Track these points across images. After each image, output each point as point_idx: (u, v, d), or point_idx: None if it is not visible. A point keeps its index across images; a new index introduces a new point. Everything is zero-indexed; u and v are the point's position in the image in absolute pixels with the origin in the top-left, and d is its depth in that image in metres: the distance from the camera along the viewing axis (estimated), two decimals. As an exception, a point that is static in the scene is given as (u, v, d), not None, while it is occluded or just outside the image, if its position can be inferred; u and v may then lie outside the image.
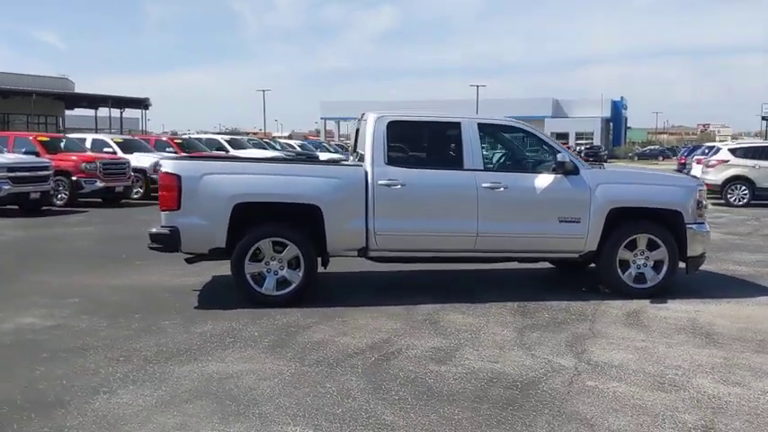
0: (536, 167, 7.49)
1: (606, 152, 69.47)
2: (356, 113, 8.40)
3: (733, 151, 19.58)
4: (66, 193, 17.11)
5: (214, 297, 7.38)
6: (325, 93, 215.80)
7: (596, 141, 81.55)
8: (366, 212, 6.99)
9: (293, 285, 6.93)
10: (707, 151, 22.71)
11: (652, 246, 7.38)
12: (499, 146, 8.54)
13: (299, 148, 30.44)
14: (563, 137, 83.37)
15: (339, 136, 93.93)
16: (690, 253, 7.44)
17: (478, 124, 7.33)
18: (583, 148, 70.06)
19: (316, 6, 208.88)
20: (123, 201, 18.73)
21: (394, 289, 7.94)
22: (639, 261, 7.40)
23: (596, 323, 6.40)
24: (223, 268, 7.69)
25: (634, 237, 7.34)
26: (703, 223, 7.55)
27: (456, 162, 7.21)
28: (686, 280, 7.83)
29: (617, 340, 5.88)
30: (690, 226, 7.40)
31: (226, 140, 25.51)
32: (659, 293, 7.34)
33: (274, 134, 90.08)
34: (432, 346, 5.64)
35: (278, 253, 6.92)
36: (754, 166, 18.94)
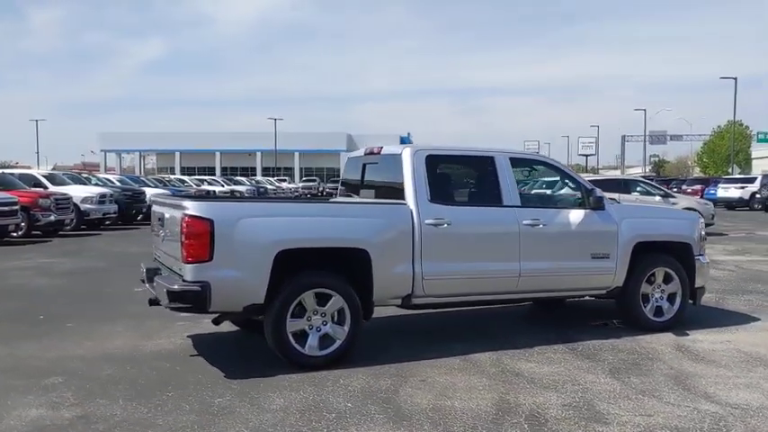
0: (565, 203, 7.27)
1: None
2: (139, 145, 7.68)
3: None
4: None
5: (229, 361, 6.19)
6: (96, 123, 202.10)
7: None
8: (413, 255, 6.30)
9: (338, 342, 6.02)
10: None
11: (667, 279, 7.45)
12: (528, 181, 8.24)
13: (118, 183, 27.85)
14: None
15: (122, 169, 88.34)
16: (697, 284, 7.62)
17: (510, 158, 6.98)
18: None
19: (74, 32, 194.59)
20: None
21: (419, 335, 7.26)
22: (657, 294, 7.43)
23: (667, 361, 6.25)
24: (187, 324, 7.17)
25: (654, 270, 7.36)
26: (704, 255, 7.79)
27: (495, 198, 6.78)
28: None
29: (715, 378, 5.76)
30: (697, 258, 7.60)
31: (44, 176, 22.59)
32: (675, 326, 7.41)
33: (33, 168, 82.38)
34: (560, 403, 5.10)
35: (321, 306, 5.99)
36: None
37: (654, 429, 4.60)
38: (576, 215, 7.04)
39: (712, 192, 36.29)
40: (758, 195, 34.30)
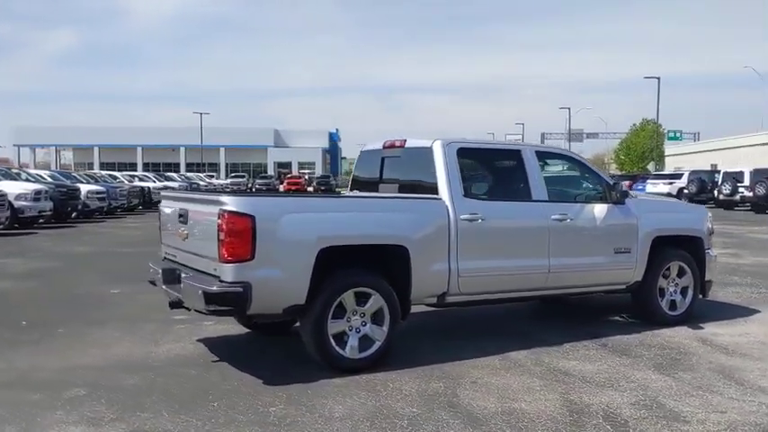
0: (588, 197, 7.17)
1: (336, 181, 71.73)
2: (55, 139, 7.35)
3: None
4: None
5: (258, 366, 5.80)
6: (4, 117, 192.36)
7: (318, 171, 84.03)
8: (449, 252, 6.08)
9: (378, 344, 5.75)
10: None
11: (681, 273, 7.49)
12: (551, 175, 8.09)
13: (50, 179, 26.40)
14: (286, 166, 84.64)
15: (35, 163, 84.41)
16: (707, 277, 7.70)
17: (536, 152, 6.84)
18: (314, 177, 71.56)
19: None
20: None
21: (442, 335, 7.03)
22: (671, 288, 7.46)
23: (702, 355, 6.25)
24: (188, 327, 6.77)
25: (669, 264, 7.39)
26: (712, 248, 7.88)
27: (525, 193, 6.63)
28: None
29: (759, 371, 5.79)
30: (707, 251, 7.68)
31: (-29, 170, 21.18)
32: (688, 320, 7.46)
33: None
34: (628, 402, 4.97)
35: (360, 306, 5.70)
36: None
37: (736, 426, 4.53)
38: (599, 210, 6.98)
39: (641, 187, 37.54)
40: (686, 191, 35.68)
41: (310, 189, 67.38)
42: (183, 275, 5.73)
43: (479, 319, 7.73)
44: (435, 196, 6.15)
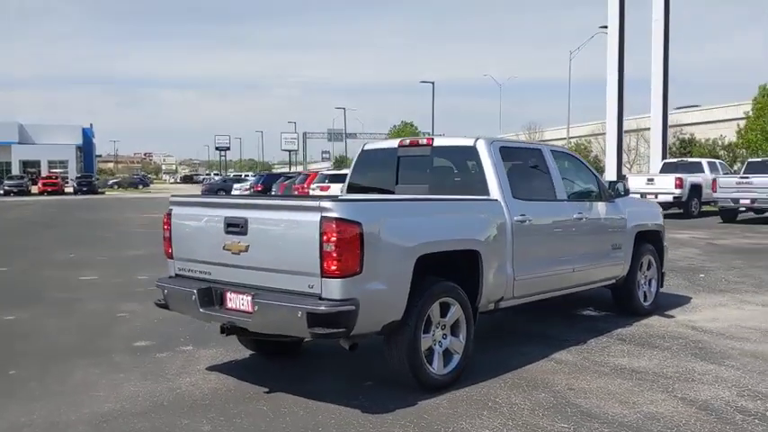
0: (590, 196, 7.26)
1: (97, 180, 66.32)
2: None
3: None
4: None
5: (326, 394, 5.08)
6: None
7: (72, 170, 77.10)
8: (507, 255, 5.84)
9: (458, 357, 5.35)
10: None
11: (649, 265, 7.94)
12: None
13: None
14: (34, 165, 76.71)
15: None
16: (663, 268, 8.25)
17: (552, 152, 6.82)
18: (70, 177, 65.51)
19: None
20: None
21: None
22: (642, 280, 7.87)
23: (717, 342, 6.60)
24: (169, 354, 6.03)
25: (643, 258, 7.79)
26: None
27: (551, 192, 6.56)
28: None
29: (781, 353, 6.28)
30: (664, 244, 8.23)
31: None
32: (656, 309, 7.94)
33: None
34: (735, 394, 5.10)
35: (442, 317, 5.27)
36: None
37: None
38: (601, 208, 7.15)
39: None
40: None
41: (69, 190, 61.67)
42: (242, 296, 4.87)
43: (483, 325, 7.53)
44: (491, 197, 5.85)
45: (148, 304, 8.50)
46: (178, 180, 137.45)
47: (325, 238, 4.46)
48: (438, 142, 6.35)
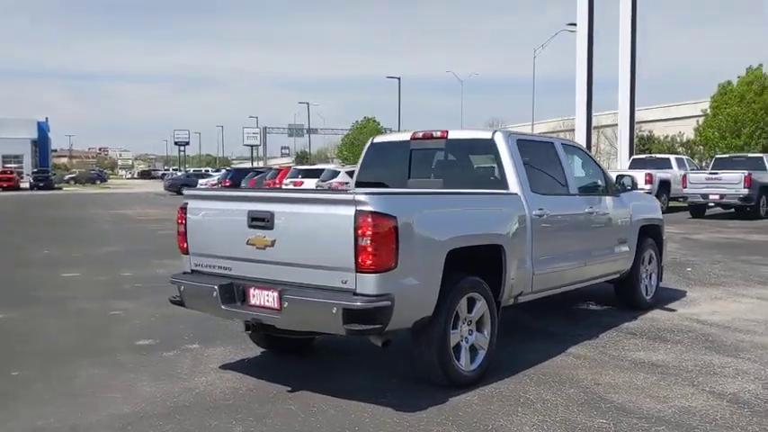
0: (597, 190, 7.25)
1: (54, 176, 64.76)
2: None
3: (350, 173, 21.15)
4: None
5: (357, 392, 4.97)
6: None
7: (27, 165, 75.19)
8: (527, 249, 5.78)
9: (483, 353, 5.27)
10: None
11: (650, 259, 7.98)
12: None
13: None
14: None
15: None
16: (663, 262, 8.29)
17: (563, 145, 6.79)
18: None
19: None
20: None
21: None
22: (644, 274, 7.90)
23: (724, 335, 6.65)
24: (176, 354, 5.84)
25: (645, 252, 7.81)
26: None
27: (564, 186, 6.52)
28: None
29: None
30: (663, 238, 8.27)
31: None
32: (657, 303, 7.98)
33: None
34: (760, 387, 5.13)
35: (468, 313, 5.18)
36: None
37: None
38: (609, 202, 7.14)
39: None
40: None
41: (25, 185, 60.19)
42: (267, 292, 4.72)
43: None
44: (510, 191, 5.78)
45: (140, 302, 8.32)
46: (135, 175, 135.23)
47: (360, 232, 4.33)
48: (453, 135, 6.25)
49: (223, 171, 49.53)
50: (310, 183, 21.52)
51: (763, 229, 17.86)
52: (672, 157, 25.48)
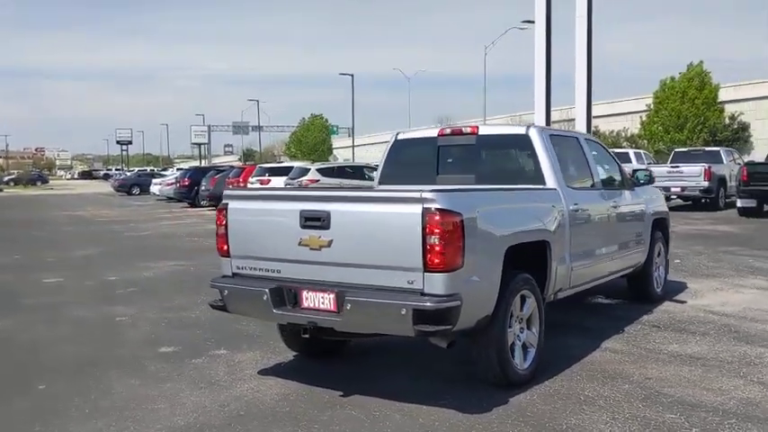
0: (617, 184, 7.26)
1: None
2: None
3: (320, 171, 20.93)
4: None
5: (413, 396, 4.85)
6: None
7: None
8: (566, 244, 5.76)
9: (533, 351, 5.21)
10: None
11: (659, 252, 8.06)
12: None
13: None
14: None
15: None
16: (668, 255, 8.40)
17: (586, 140, 6.79)
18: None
19: None
20: None
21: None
22: (654, 267, 7.98)
23: (744, 326, 6.74)
24: (205, 360, 5.46)
25: (655, 245, 7.89)
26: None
27: (590, 181, 6.52)
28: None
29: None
30: (669, 230, 8.38)
31: None
32: (667, 295, 8.08)
33: None
34: (802, 375, 5.23)
35: (520, 311, 5.12)
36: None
37: None
38: (628, 196, 7.18)
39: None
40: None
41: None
42: (322, 294, 4.58)
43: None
44: (549, 186, 5.74)
45: (141, 306, 8.04)
46: (75, 176, 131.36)
47: (428, 230, 4.21)
48: (484, 131, 6.17)
49: (175, 170, 48.07)
50: (278, 181, 21.18)
51: (726, 220, 18.37)
52: (631, 152, 25.99)
